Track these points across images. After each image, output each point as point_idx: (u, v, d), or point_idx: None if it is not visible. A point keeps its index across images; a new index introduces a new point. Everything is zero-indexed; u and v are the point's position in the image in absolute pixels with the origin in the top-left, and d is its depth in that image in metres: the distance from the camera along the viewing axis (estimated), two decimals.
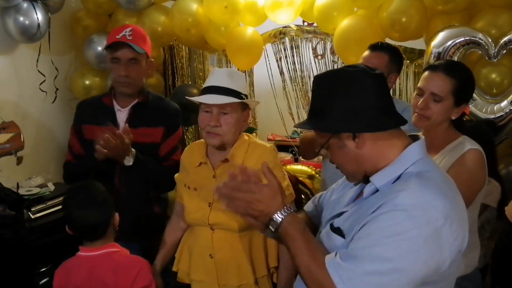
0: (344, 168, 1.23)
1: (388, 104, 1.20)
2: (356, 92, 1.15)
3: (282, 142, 4.35)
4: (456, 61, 2.18)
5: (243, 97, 1.69)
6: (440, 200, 1.06)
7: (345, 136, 1.16)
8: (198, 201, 1.77)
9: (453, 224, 1.07)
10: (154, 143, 2.15)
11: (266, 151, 1.75)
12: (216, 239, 1.73)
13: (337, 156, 1.21)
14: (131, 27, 2.09)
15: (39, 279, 2.52)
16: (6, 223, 2.38)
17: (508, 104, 2.39)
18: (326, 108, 1.17)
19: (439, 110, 1.67)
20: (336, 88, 1.17)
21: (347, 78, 1.17)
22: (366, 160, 1.18)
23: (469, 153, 1.68)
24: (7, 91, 2.97)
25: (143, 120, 2.13)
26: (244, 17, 3.10)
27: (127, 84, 2.09)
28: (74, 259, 1.74)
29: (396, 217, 1.05)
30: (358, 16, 2.82)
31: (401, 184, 1.11)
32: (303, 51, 3.46)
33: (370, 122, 1.14)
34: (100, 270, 1.68)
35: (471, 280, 1.80)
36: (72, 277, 1.70)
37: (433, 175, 1.14)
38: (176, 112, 2.23)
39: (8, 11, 2.82)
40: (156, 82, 3.65)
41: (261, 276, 1.74)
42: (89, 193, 1.72)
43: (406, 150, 1.16)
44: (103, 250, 1.71)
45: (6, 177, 2.76)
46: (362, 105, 1.14)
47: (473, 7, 2.60)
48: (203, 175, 1.78)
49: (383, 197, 1.10)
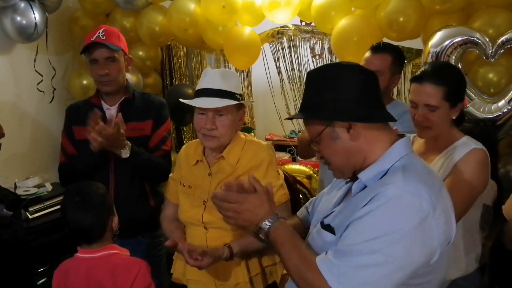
0: (334, 162, 1.24)
1: (378, 100, 1.22)
2: (346, 85, 1.17)
3: (280, 142, 4.35)
4: (440, 65, 2.04)
5: (238, 97, 1.68)
6: (425, 190, 1.08)
7: (339, 126, 1.18)
8: (192, 199, 1.77)
9: (439, 213, 1.09)
10: (144, 136, 2.18)
11: (262, 148, 1.75)
12: (210, 238, 1.73)
13: (329, 149, 1.22)
14: (103, 28, 2.13)
15: (37, 279, 2.52)
16: (4, 223, 2.38)
17: (505, 103, 2.39)
18: (318, 101, 1.19)
19: (437, 118, 1.66)
20: (326, 82, 1.19)
21: (337, 72, 1.20)
22: (357, 153, 1.19)
23: (474, 153, 1.67)
24: (4, 91, 2.97)
25: (132, 115, 2.16)
26: (242, 17, 3.10)
27: (109, 82, 2.12)
28: (72, 260, 1.73)
29: (384, 210, 1.07)
30: (355, 16, 2.82)
31: (388, 178, 1.13)
32: (301, 51, 3.46)
33: (362, 114, 1.16)
34: (98, 273, 1.67)
35: (471, 280, 1.81)
36: (70, 278, 1.69)
37: (417, 167, 1.16)
38: (163, 104, 2.28)
39: (6, 10, 2.81)
40: (153, 81, 3.65)
41: (255, 275, 1.75)
42: (85, 195, 1.69)
43: (392, 147, 1.19)
44: (101, 252, 1.69)
45: (4, 177, 2.76)
46: (353, 98, 1.16)
47: (470, 6, 2.61)
48: (199, 173, 1.78)
49: (371, 192, 1.12)
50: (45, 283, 2.54)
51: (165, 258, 2.34)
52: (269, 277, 1.80)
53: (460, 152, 1.68)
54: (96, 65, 2.11)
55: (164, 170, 2.17)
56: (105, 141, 1.94)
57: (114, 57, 2.11)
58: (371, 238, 1.06)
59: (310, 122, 1.24)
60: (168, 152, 2.23)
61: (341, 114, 1.16)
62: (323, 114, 1.19)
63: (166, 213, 1.93)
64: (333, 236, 1.17)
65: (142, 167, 2.11)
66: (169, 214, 1.90)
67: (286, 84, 3.57)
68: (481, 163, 1.67)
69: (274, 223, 1.21)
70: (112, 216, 1.74)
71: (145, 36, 3.21)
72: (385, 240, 1.05)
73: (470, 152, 1.67)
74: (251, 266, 1.74)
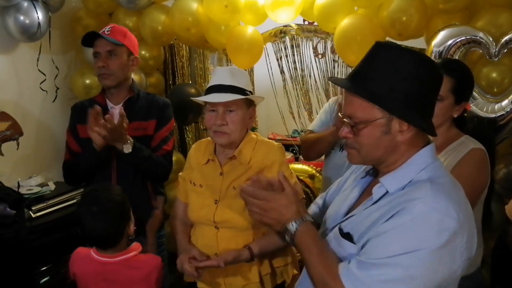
0: (366, 151, 1.16)
1: (433, 107, 1.16)
2: (420, 82, 1.09)
3: (283, 141, 4.30)
4: (453, 59, 2.17)
5: (247, 93, 1.69)
6: (453, 209, 1.05)
7: (397, 123, 1.10)
8: (203, 198, 1.77)
9: (465, 232, 1.07)
10: (146, 135, 2.20)
11: (273, 148, 1.75)
12: (221, 238, 1.73)
13: (370, 139, 1.14)
14: (112, 25, 2.19)
15: (40, 278, 2.53)
16: (7, 222, 2.39)
17: (509, 103, 2.38)
18: (386, 84, 1.09)
19: (440, 109, 1.65)
20: (402, 68, 1.08)
21: (415, 63, 1.09)
22: (395, 152, 1.15)
23: (473, 153, 1.67)
24: (7, 90, 2.98)
25: (136, 115, 2.18)
26: (244, 16, 3.09)
27: (107, 76, 2.15)
28: (88, 256, 1.73)
29: (412, 226, 1.04)
30: (358, 15, 2.82)
31: (415, 192, 1.09)
32: (304, 50, 3.44)
33: (423, 120, 1.10)
34: (112, 273, 1.69)
35: (473, 280, 1.80)
36: (85, 269, 1.72)
37: (445, 181, 1.12)
38: (167, 104, 2.30)
39: (9, 10, 2.82)
40: (156, 81, 3.65)
41: (265, 274, 1.74)
42: (103, 205, 1.66)
43: (417, 154, 1.14)
44: (118, 258, 1.70)
45: (7, 176, 2.77)
46: (421, 99, 1.10)
47: (474, 6, 2.60)
48: (210, 172, 1.78)
49: (397, 204, 1.08)
50: (48, 282, 2.54)
51: (167, 258, 2.35)
52: (279, 277, 1.80)
53: (459, 153, 1.68)
54: (97, 58, 2.15)
55: (164, 169, 2.20)
56: (108, 135, 1.94)
57: (115, 51, 2.14)
58: (398, 253, 1.04)
59: (360, 99, 1.12)
60: (169, 152, 2.24)
61: (409, 114, 1.09)
62: (390, 104, 1.09)
63: (176, 211, 1.94)
64: (353, 245, 1.14)
65: (143, 164, 2.12)
66: (179, 213, 1.92)
67: (288, 83, 3.56)
68: (481, 162, 1.68)
69: (300, 226, 1.18)
70: (129, 222, 1.74)
71: (147, 35, 3.21)
72: (411, 257, 1.03)
73: (469, 152, 1.66)
74: (262, 266, 1.73)
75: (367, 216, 1.14)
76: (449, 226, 1.04)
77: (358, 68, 1.15)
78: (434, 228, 1.03)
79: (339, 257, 1.16)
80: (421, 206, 1.05)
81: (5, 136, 1.86)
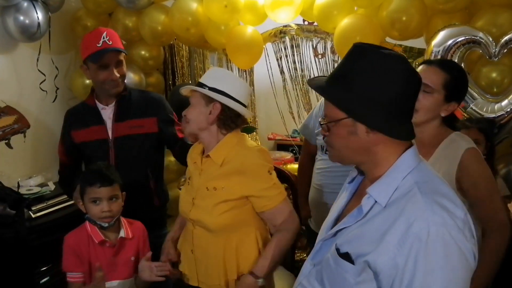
0: (338, 150, 1.18)
1: (410, 111, 1.15)
2: (388, 87, 1.08)
3: (283, 141, 4.35)
4: (451, 60, 2.20)
5: (208, 90, 1.70)
6: (450, 218, 1.04)
7: (362, 125, 1.11)
8: (186, 194, 1.85)
9: (466, 233, 1.06)
10: (150, 133, 2.19)
11: (251, 151, 1.73)
12: (195, 235, 1.79)
13: (339, 138, 1.16)
14: (105, 31, 2.11)
15: (40, 278, 2.53)
16: (6, 222, 2.39)
17: (508, 103, 2.38)
18: (352, 87, 1.10)
19: (428, 102, 1.67)
20: (371, 72, 1.09)
21: (387, 68, 1.09)
22: (368, 154, 1.14)
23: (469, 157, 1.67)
24: (7, 90, 2.97)
25: (130, 112, 2.18)
26: (244, 16, 3.09)
27: (120, 83, 2.16)
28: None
29: (421, 250, 1.03)
30: (358, 15, 2.82)
31: (409, 207, 1.06)
32: (304, 50, 3.44)
33: (390, 126, 1.09)
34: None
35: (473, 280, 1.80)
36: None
37: (432, 183, 1.11)
38: (161, 99, 2.32)
39: (8, 10, 2.82)
40: (156, 81, 3.65)
41: (231, 280, 1.76)
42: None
43: (400, 159, 1.13)
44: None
45: (7, 176, 2.77)
46: (388, 104, 1.08)
47: (473, 6, 2.60)
48: (194, 170, 1.84)
49: (393, 220, 1.07)
50: (48, 282, 2.54)
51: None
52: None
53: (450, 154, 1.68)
54: (106, 70, 2.10)
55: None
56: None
57: (122, 60, 2.15)
58: (416, 280, 1.03)
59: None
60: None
61: (369, 118, 1.09)
62: (350, 105, 1.10)
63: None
64: (353, 266, 1.12)
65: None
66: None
67: (288, 83, 3.56)
68: (481, 161, 1.69)
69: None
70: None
71: (147, 35, 3.21)
72: (430, 280, 1.02)
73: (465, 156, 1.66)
74: (228, 271, 1.76)
75: (362, 234, 1.12)
76: (455, 236, 1.03)
77: (335, 69, 1.19)
78: (442, 245, 1.02)
79: (340, 278, 1.14)
80: (422, 225, 1.03)
81: (14, 129, 1.88)
